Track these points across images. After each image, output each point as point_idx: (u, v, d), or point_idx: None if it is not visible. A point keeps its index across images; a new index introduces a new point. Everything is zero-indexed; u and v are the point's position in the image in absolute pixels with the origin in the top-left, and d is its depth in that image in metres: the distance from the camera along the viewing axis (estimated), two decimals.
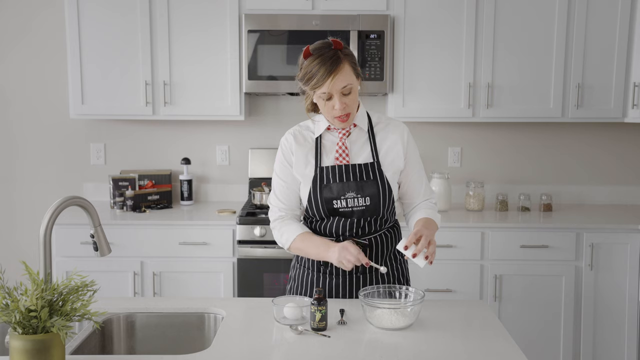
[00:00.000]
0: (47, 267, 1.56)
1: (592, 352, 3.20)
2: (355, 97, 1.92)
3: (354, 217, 1.97)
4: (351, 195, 1.95)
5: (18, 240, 3.79)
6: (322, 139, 2.00)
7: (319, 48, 1.87)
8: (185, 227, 3.21)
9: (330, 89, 1.85)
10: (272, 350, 1.62)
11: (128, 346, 1.91)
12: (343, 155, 1.97)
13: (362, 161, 1.98)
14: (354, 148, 1.99)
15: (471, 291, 3.18)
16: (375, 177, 1.97)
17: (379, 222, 2.00)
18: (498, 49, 3.34)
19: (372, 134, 2.01)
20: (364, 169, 1.97)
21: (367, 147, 2.00)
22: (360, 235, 1.97)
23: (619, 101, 3.36)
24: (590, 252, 3.15)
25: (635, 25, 3.31)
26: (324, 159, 1.99)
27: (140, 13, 3.33)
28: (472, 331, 1.75)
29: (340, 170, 1.96)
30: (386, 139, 2.01)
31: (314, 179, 1.96)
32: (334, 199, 1.95)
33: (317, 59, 1.85)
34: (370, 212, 1.97)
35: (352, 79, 1.88)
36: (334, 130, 2.00)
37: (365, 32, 3.25)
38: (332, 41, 1.87)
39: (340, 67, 1.84)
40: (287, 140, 2.02)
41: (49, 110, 3.73)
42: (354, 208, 1.96)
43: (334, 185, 1.95)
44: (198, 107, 3.40)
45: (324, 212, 1.97)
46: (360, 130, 2.01)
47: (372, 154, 1.99)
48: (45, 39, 3.68)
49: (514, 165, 3.76)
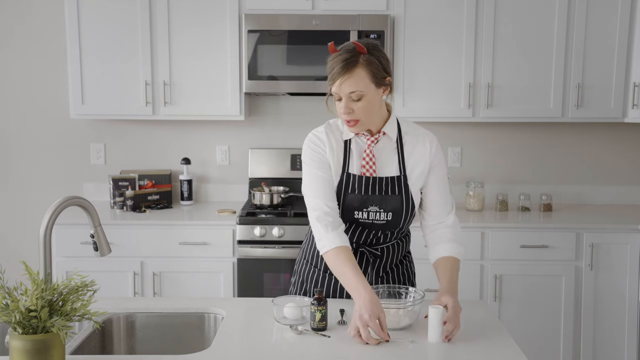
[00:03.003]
0: (47, 267, 1.56)
1: (592, 352, 3.20)
2: (369, 106, 1.81)
3: (372, 229, 1.92)
4: (374, 209, 1.89)
5: (18, 240, 3.79)
6: (350, 143, 1.91)
7: (343, 46, 1.82)
8: (185, 227, 3.21)
9: (337, 90, 1.80)
10: (272, 350, 1.62)
11: (128, 346, 1.91)
12: (370, 164, 1.89)
13: (388, 174, 1.90)
14: (381, 158, 1.91)
15: (471, 291, 3.18)
16: (401, 192, 1.89)
17: (395, 235, 1.96)
18: (498, 49, 3.34)
19: (401, 144, 1.92)
20: (390, 183, 1.89)
21: (394, 158, 1.91)
22: (373, 245, 1.95)
23: (619, 101, 3.36)
24: (590, 252, 3.15)
25: (635, 25, 3.31)
26: (351, 164, 1.90)
27: (140, 16, 3.33)
28: (472, 331, 1.74)
29: (366, 182, 1.88)
30: (414, 151, 1.92)
31: (339, 184, 1.90)
32: (355, 209, 1.90)
33: (336, 57, 1.80)
34: (391, 226, 1.92)
35: (366, 87, 1.78)
36: (362, 136, 1.91)
37: (365, 32, 3.25)
38: (354, 44, 1.80)
39: (351, 71, 1.77)
40: (318, 137, 1.92)
41: (49, 110, 3.73)
42: (375, 221, 1.91)
43: (358, 196, 1.88)
44: (198, 107, 3.40)
45: (344, 219, 1.90)
46: (388, 139, 1.91)
47: (400, 167, 1.90)
48: (45, 40, 3.68)
49: (514, 165, 3.76)
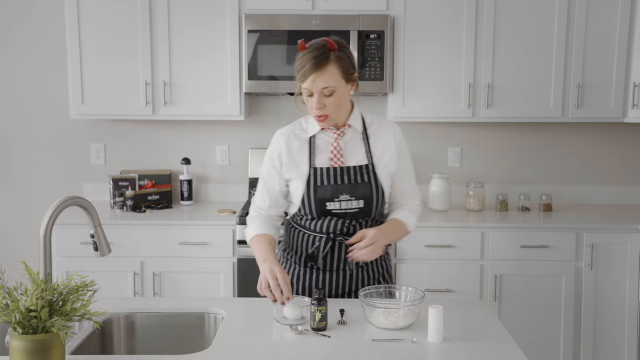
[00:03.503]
0: (47, 267, 1.56)
1: (592, 352, 3.20)
2: (339, 101, 1.91)
3: (346, 218, 1.98)
4: (345, 197, 1.96)
5: (18, 240, 3.79)
6: (315, 139, 2.01)
7: (313, 44, 1.90)
8: (185, 227, 3.21)
9: (310, 86, 1.87)
10: (272, 350, 1.62)
11: (128, 346, 1.91)
12: (338, 156, 1.98)
13: (356, 163, 1.99)
14: (348, 149, 2.00)
15: (471, 291, 3.18)
16: (370, 179, 1.98)
17: (369, 223, 2.02)
18: (498, 49, 3.34)
19: (367, 135, 2.02)
20: (358, 171, 1.98)
21: (361, 148, 2.01)
22: (350, 234, 1.98)
23: (619, 101, 3.36)
24: (590, 252, 3.15)
25: (635, 25, 3.31)
26: (317, 159, 1.99)
27: (140, 16, 3.33)
28: (472, 331, 1.75)
29: (335, 172, 1.97)
30: (380, 140, 2.03)
31: (308, 180, 1.97)
32: (327, 200, 1.96)
33: (307, 54, 1.87)
34: (363, 213, 1.99)
35: (337, 83, 1.88)
36: (328, 131, 2.00)
37: (365, 32, 3.25)
38: (325, 41, 1.88)
39: (324, 67, 1.85)
40: (278, 141, 2.03)
41: (49, 110, 3.73)
42: (347, 210, 1.97)
43: (328, 187, 1.96)
44: (198, 107, 3.40)
45: (317, 213, 1.98)
46: (354, 131, 2.02)
47: (367, 156, 2.00)
48: (45, 40, 3.68)
49: (514, 165, 3.76)
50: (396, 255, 3.16)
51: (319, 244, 1.99)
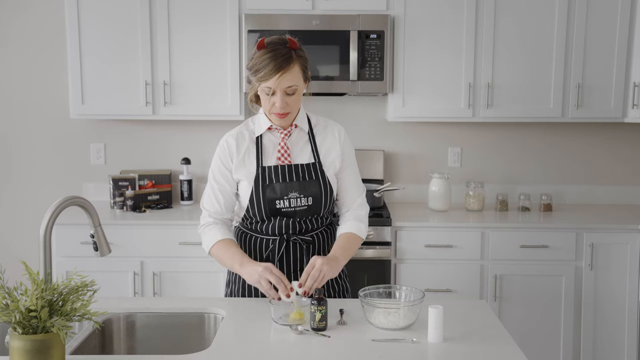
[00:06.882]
0: (47, 267, 1.56)
1: (592, 352, 3.20)
2: (299, 99, 1.94)
3: (296, 217, 1.99)
4: (294, 195, 1.98)
5: (18, 240, 3.79)
6: (262, 139, 2.02)
7: (274, 43, 1.88)
8: (185, 227, 3.20)
9: (275, 85, 1.86)
10: (272, 351, 1.62)
11: (128, 346, 1.91)
12: (285, 156, 2.00)
13: (304, 161, 2.01)
14: (295, 148, 2.02)
15: (471, 291, 3.18)
16: (317, 177, 2.00)
17: (319, 221, 2.04)
18: (498, 49, 3.34)
19: (312, 135, 2.05)
20: (306, 169, 2.00)
21: (307, 147, 2.03)
22: (303, 233, 2.00)
23: (619, 101, 3.36)
24: (590, 252, 3.15)
25: (635, 25, 3.31)
26: (265, 159, 2.00)
27: (140, 16, 3.33)
28: (472, 331, 1.75)
29: (283, 170, 1.98)
30: (325, 140, 2.05)
31: (256, 179, 1.97)
32: (277, 199, 1.97)
33: (269, 52, 1.86)
34: (312, 211, 2.01)
35: (299, 81, 1.90)
36: (275, 131, 2.01)
37: (365, 32, 3.25)
38: (288, 39, 1.88)
39: (289, 67, 1.85)
40: (227, 142, 2.02)
41: (49, 110, 3.73)
42: (297, 208, 1.99)
43: (277, 185, 1.97)
44: (198, 107, 3.40)
45: (266, 213, 1.98)
46: (300, 130, 2.04)
47: (313, 155, 2.03)
48: (45, 40, 3.68)
49: (514, 165, 3.76)
50: (396, 255, 3.16)
51: (273, 247, 2.00)
